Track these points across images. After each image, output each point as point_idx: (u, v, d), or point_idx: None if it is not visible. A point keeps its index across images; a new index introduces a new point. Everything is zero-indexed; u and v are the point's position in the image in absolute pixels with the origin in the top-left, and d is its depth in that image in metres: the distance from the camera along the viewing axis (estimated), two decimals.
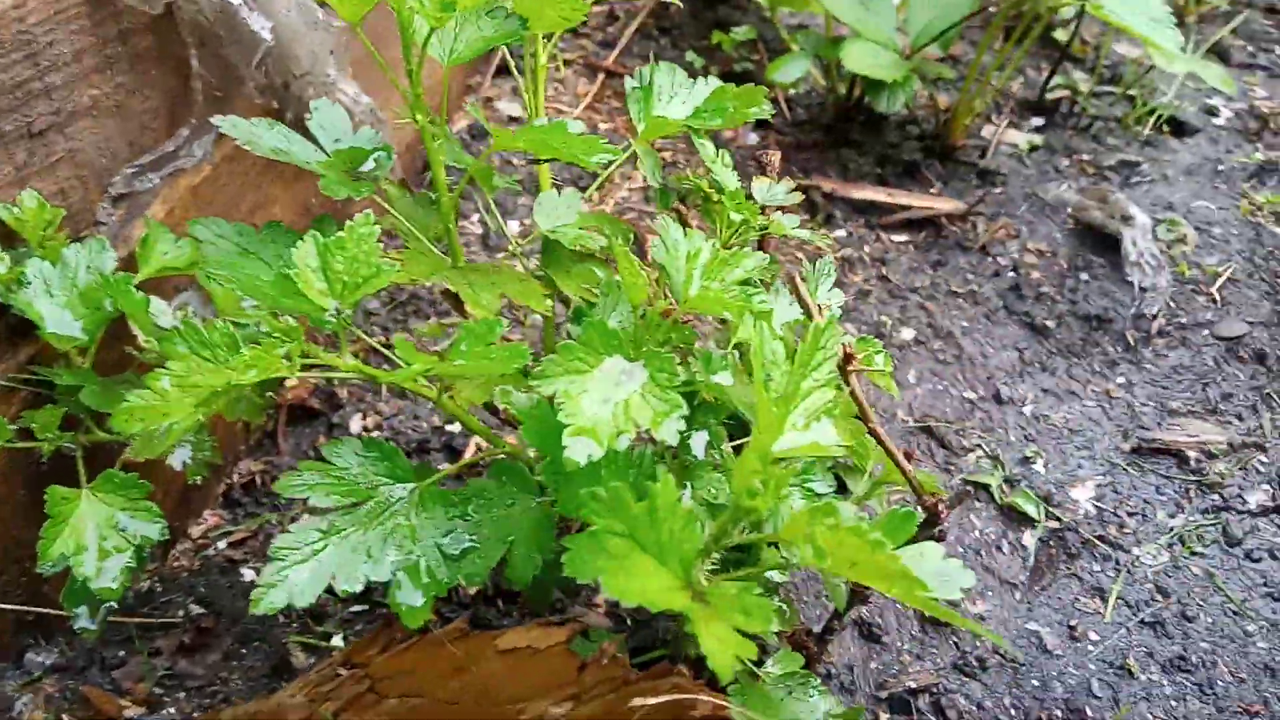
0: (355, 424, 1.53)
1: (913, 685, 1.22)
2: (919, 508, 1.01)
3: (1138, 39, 1.59)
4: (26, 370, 1.06)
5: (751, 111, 1.02)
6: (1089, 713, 1.19)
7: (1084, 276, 1.69)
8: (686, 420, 0.74)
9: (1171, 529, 1.42)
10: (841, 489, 1.10)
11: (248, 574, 1.29)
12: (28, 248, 1.05)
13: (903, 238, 1.81)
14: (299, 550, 0.81)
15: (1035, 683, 1.23)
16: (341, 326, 0.82)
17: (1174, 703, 1.21)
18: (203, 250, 0.93)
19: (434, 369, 0.78)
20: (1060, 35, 2.24)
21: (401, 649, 0.92)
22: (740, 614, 0.66)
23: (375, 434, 1.52)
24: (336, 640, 1.22)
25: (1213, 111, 2.21)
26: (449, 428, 1.53)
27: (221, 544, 1.35)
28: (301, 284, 0.78)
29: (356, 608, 1.26)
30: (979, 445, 1.50)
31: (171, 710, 1.13)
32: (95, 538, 0.94)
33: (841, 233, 1.80)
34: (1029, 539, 1.40)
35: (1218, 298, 1.69)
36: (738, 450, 0.90)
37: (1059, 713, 1.20)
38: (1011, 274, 1.74)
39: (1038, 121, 2.06)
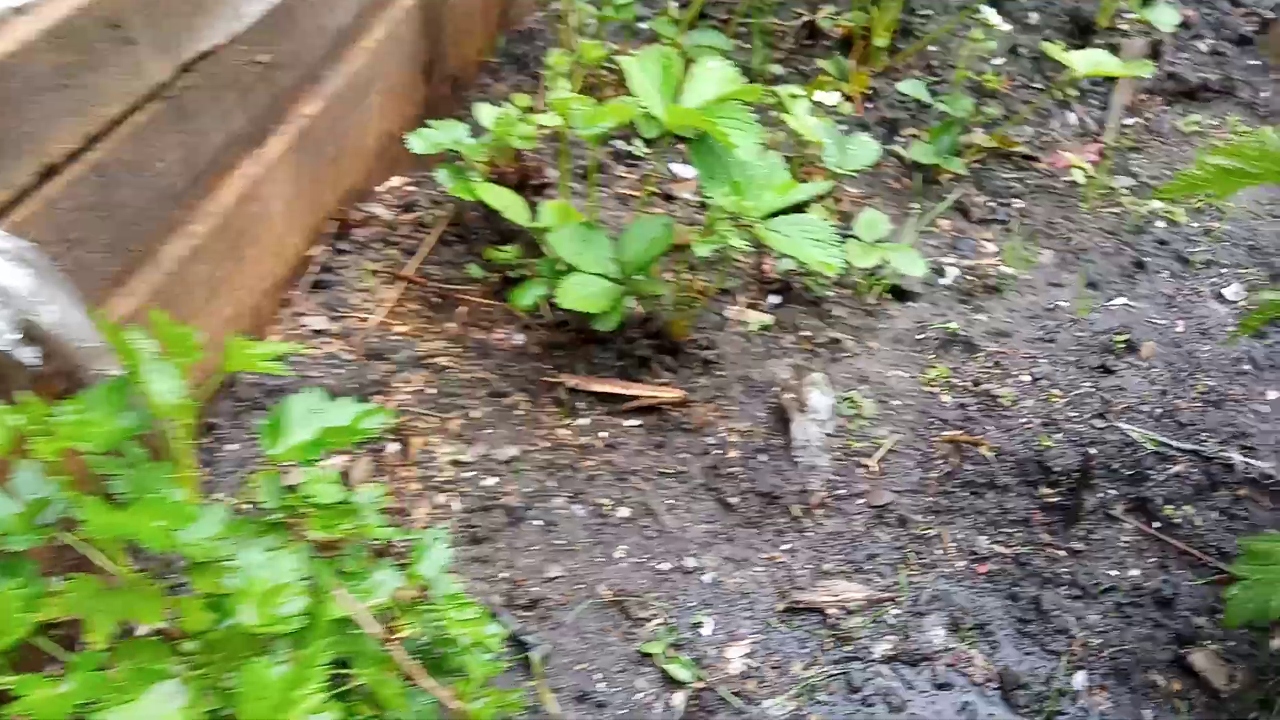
0: None
1: None
2: None
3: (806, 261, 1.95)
4: None
5: None
6: None
7: (763, 457, 2.06)
8: None
9: (802, 680, 1.77)
10: None
11: None
12: None
13: (635, 423, 2.18)
14: None
15: None
16: None
17: None
18: None
19: None
20: None
21: None
22: None
23: None
24: None
25: (940, 271, 2.56)
26: None
27: None
28: None
29: None
30: (656, 615, 1.87)
31: None
32: None
33: (585, 421, 2.17)
34: (678, 699, 1.75)
35: (876, 469, 2.04)
36: None
37: None
38: (716, 453, 2.10)
39: (775, 300, 2.44)
